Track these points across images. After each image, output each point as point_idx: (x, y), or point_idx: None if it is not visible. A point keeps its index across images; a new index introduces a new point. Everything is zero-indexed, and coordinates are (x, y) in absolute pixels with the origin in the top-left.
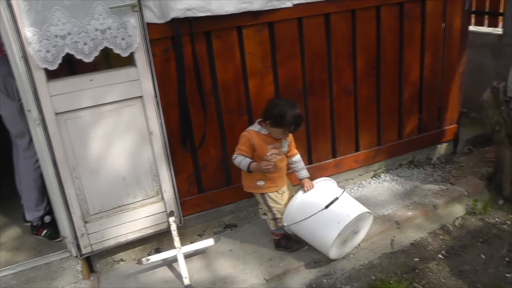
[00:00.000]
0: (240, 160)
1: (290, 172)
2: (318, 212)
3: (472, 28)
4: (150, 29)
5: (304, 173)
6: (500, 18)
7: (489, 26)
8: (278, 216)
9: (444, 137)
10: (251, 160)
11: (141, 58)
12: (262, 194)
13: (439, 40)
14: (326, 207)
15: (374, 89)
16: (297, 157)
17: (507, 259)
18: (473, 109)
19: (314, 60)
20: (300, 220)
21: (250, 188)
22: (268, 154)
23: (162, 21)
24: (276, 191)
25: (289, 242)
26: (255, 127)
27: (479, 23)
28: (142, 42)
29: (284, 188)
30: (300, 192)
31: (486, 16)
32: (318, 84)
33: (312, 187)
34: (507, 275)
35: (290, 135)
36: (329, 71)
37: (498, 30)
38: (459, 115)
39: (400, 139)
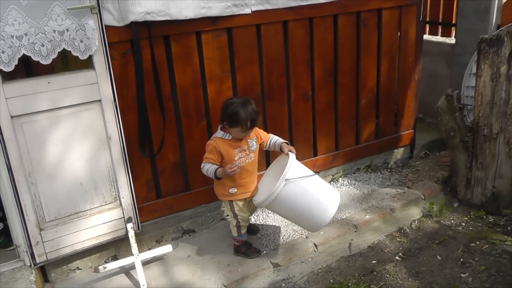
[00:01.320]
0: (207, 167)
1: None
2: (314, 174)
3: (427, 37)
4: (109, 32)
5: (281, 140)
6: (453, 28)
7: (442, 35)
8: (242, 224)
9: (401, 142)
10: (217, 166)
11: (100, 61)
12: (230, 202)
13: (395, 48)
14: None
15: (332, 95)
16: (272, 137)
17: (462, 259)
18: (429, 115)
19: (272, 66)
20: (304, 176)
21: (223, 196)
22: (236, 158)
23: (121, 24)
24: (245, 199)
25: (249, 249)
26: (218, 133)
27: (434, 32)
28: (101, 45)
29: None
30: (291, 154)
31: (440, 26)
32: (276, 90)
33: (293, 150)
34: (462, 275)
35: (255, 129)
36: (287, 77)
37: (451, 40)
38: (415, 121)
39: (358, 144)
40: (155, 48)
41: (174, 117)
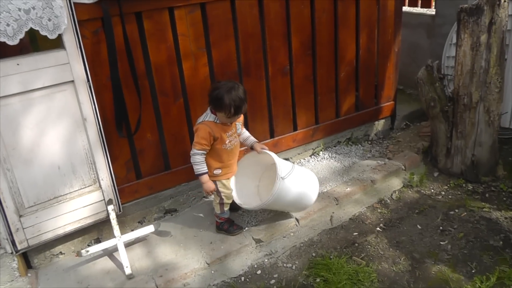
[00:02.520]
0: (199, 160)
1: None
2: (294, 165)
3: (406, 9)
4: (78, 9)
5: (253, 138)
6: None
7: (422, 6)
8: (226, 201)
9: (382, 114)
10: (206, 171)
11: (70, 40)
12: (213, 181)
13: (374, 20)
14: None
15: (311, 69)
16: (245, 131)
17: (441, 227)
18: (409, 86)
19: (248, 41)
20: (290, 172)
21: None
22: (227, 142)
23: (90, 1)
24: (228, 178)
25: (231, 226)
26: (210, 116)
27: (413, 4)
28: (71, 24)
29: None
30: (273, 154)
31: None
32: (254, 65)
33: (265, 147)
34: (441, 242)
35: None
36: (264, 52)
37: (432, 11)
38: (396, 92)
39: (338, 117)
40: (127, 25)
41: (150, 96)
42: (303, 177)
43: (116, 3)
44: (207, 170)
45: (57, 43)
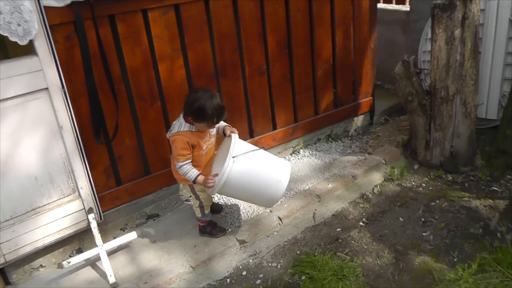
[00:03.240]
0: (188, 169)
1: None
2: (260, 149)
3: (381, 5)
4: (49, 13)
5: (223, 123)
6: None
7: (397, 3)
8: (205, 203)
9: (360, 109)
10: (198, 172)
11: (42, 46)
12: (190, 184)
13: (349, 18)
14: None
15: (288, 68)
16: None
17: (423, 219)
18: (387, 81)
19: (224, 41)
20: (250, 151)
21: (183, 180)
22: (204, 147)
23: (61, 4)
24: None
25: (214, 229)
26: (185, 126)
27: (388, 1)
28: (42, 28)
29: None
30: (234, 134)
31: None
32: (230, 66)
33: (235, 131)
34: (424, 234)
35: None
36: (240, 52)
37: (406, 7)
38: (374, 88)
39: (317, 115)
40: (100, 29)
41: (127, 100)
42: (269, 163)
43: (88, 6)
44: (198, 172)
45: (29, 49)
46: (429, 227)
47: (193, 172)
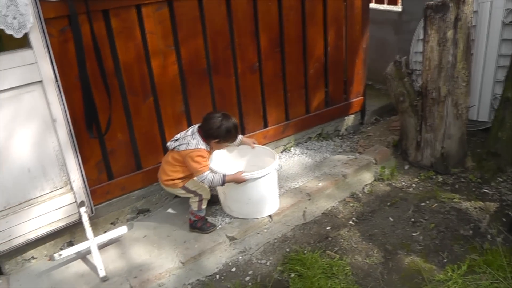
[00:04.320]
0: (211, 177)
1: None
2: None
3: (373, 5)
4: (44, 7)
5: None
6: None
7: (389, 3)
8: (204, 197)
9: (351, 109)
10: (224, 173)
11: (37, 39)
12: (183, 186)
13: (341, 17)
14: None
15: (280, 66)
16: None
17: (412, 219)
18: (378, 81)
19: (217, 38)
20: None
21: (173, 185)
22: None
23: None
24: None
25: (204, 224)
26: (202, 144)
27: (380, 1)
28: (37, 22)
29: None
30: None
31: None
32: (223, 62)
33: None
34: (413, 234)
35: None
36: (232, 49)
37: (398, 8)
38: (365, 88)
39: (308, 113)
40: (94, 23)
41: (120, 95)
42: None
43: (83, 1)
44: (224, 173)
45: (23, 42)
46: (419, 227)
47: (218, 176)
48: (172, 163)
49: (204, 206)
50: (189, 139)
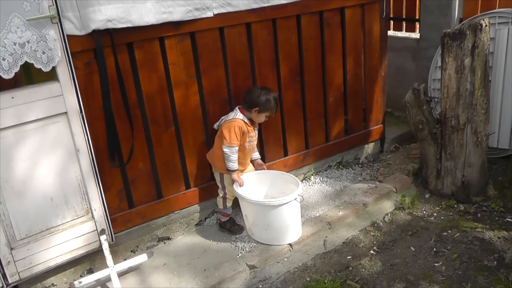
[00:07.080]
0: (234, 157)
1: None
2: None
3: (391, 33)
4: (71, 41)
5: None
6: (417, 23)
7: (407, 31)
8: (228, 196)
9: (371, 137)
10: (237, 168)
11: (64, 72)
12: (221, 174)
13: (360, 46)
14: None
15: (300, 95)
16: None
17: (435, 249)
18: (397, 109)
19: (237, 68)
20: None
21: (221, 169)
22: (247, 141)
23: (83, 33)
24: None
25: (233, 226)
26: (239, 115)
27: (398, 28)
28: (64, 56)
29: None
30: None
31: (404, 22)
32: (243, 92)
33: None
34: (436, 264)
35: None
36: (253, 79)
37: (416, 35)
38: (384, 115)
39: (328, 142)
40: (119, 55)
41: (142, 125)
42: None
43: (108, 34)
44: (237, 168)
45: (51, 75)
46: (441, 257)
47: (235, 163)
48: (218, 141)
49: (229, 205)
50: (229, 114)
